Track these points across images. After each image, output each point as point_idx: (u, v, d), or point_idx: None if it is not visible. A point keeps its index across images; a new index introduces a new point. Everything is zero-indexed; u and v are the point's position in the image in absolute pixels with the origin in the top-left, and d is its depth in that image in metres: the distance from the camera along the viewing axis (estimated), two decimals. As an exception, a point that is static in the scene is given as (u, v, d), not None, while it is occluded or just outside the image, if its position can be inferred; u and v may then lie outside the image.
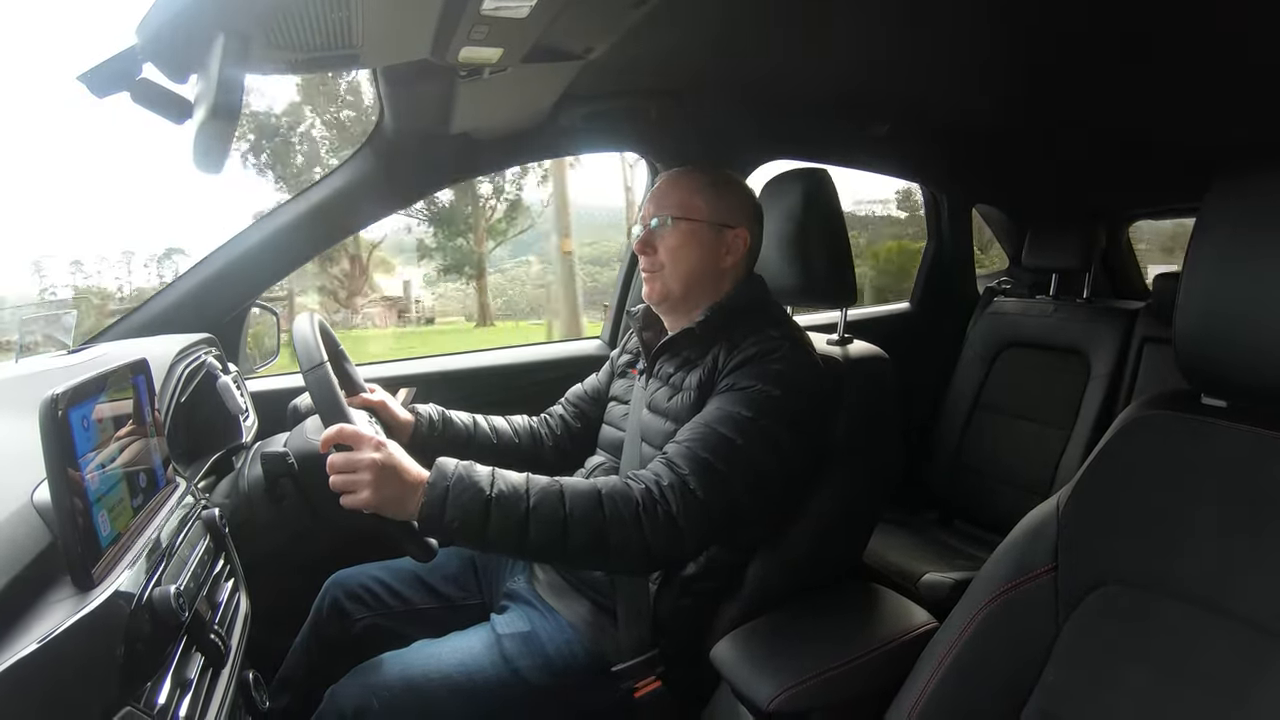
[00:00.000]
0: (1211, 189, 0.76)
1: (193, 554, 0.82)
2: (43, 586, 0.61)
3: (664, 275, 1.24)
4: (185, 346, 1.20)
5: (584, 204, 13.98)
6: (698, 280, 1.24)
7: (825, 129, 1.94)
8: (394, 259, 13.73)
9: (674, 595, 1.20)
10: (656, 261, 1.25)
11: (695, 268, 1.23)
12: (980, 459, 2.38)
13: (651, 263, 1.25)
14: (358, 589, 1.34)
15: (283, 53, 0.93)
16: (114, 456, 0.72)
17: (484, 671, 1.14)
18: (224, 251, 1.49)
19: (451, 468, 0.99)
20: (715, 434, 1.07)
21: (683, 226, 1.23)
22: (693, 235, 1.23)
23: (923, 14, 1.21)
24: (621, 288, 2.03)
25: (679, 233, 1.23)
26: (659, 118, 1.72)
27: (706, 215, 1.23)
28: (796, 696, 1.02)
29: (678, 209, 1.23)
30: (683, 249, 1.23)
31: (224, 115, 0.75)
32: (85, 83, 0.84)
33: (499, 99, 1.36)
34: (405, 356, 1.88)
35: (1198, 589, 0.73)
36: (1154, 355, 2.16)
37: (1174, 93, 1.52)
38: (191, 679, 0.73)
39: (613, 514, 0.99)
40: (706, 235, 1.23)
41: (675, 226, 1.23)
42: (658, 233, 1.24)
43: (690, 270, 1.23)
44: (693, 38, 1.31)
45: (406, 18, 0.94)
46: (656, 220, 1.24)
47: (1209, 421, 0.77)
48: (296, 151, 11.77)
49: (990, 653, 0.85)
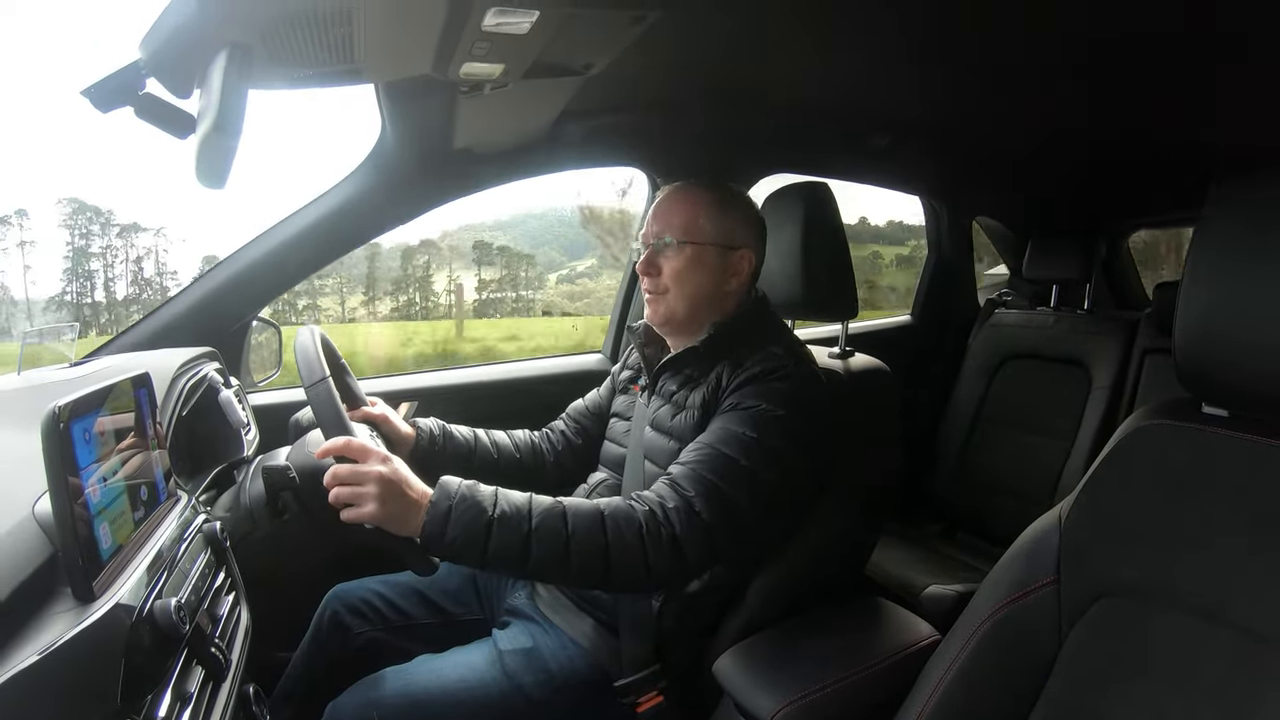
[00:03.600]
0: (1210, 198, 0.76)
1: (194, 567, 0.82)
2: (44, 598, 0.61)
3: (668, 299, 1.23)
4: (187, 360, 1.20)
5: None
6: (702, 303, 1.23)
7: (825, 142, 1.95)
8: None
9: (676, 610, 1.19)
10: (660, 284, 1.23)
11: (700, 291, 1.22)
12: (982, 471, 2.37)
13: (655, 284, 1.24)
14: (358, 603, 1.33)
15: (285, 68, 0.93)
16: (115, 469, 0.72)
17: (486, 687, 1.13)
18: (226, 266, 1.50)
19: (455, 486, 0.99)
20: (720, 455, 1.06)
21: (688, 250, 1.21)
22: (698, 259, 1.21)
23: (922, 28, 1.22)
24: (622, 302, 2.03)
25: (684, 256, 1.21)
26: (659, 133, 1.73)
27: (712, 237, 1.22)
28: (798, 711, 1.01)
29: (683, 232, 1.22)
30: (688, 272, 1.21)
31: (227, 131, 0.76)
32: (89, 97, 0.85)
33: (500, 115, 1.37)
34: (406, 372, 1.88)
35: (1200, 599, 0.72)
36: (1155, 366, 2.16)
37: (1174, 103, 1.53)
38: (192, 692, 0.72)
39: (615, 536, 0.99)
40: (712, 258, 1.22)
41: (680, 249, 1.22)
42: (662, 254, 1.23)
43: (695, 294, 1.22)
44: (692, 53, 1.32)
45: (408, 34, 0.95)
46: (661, 240, 1.23)
47: (1210, 431, 0.77)
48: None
49: (994, 665, 0.84)
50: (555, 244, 13.55)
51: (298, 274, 1.57)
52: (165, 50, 0.81)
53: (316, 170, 4.18)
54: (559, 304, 12.42)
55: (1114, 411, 2.16)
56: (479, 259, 13.19)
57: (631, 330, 1.38)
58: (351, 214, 1.54)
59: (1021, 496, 2.20)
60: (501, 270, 13.01)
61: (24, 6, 17.08)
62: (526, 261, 12.95)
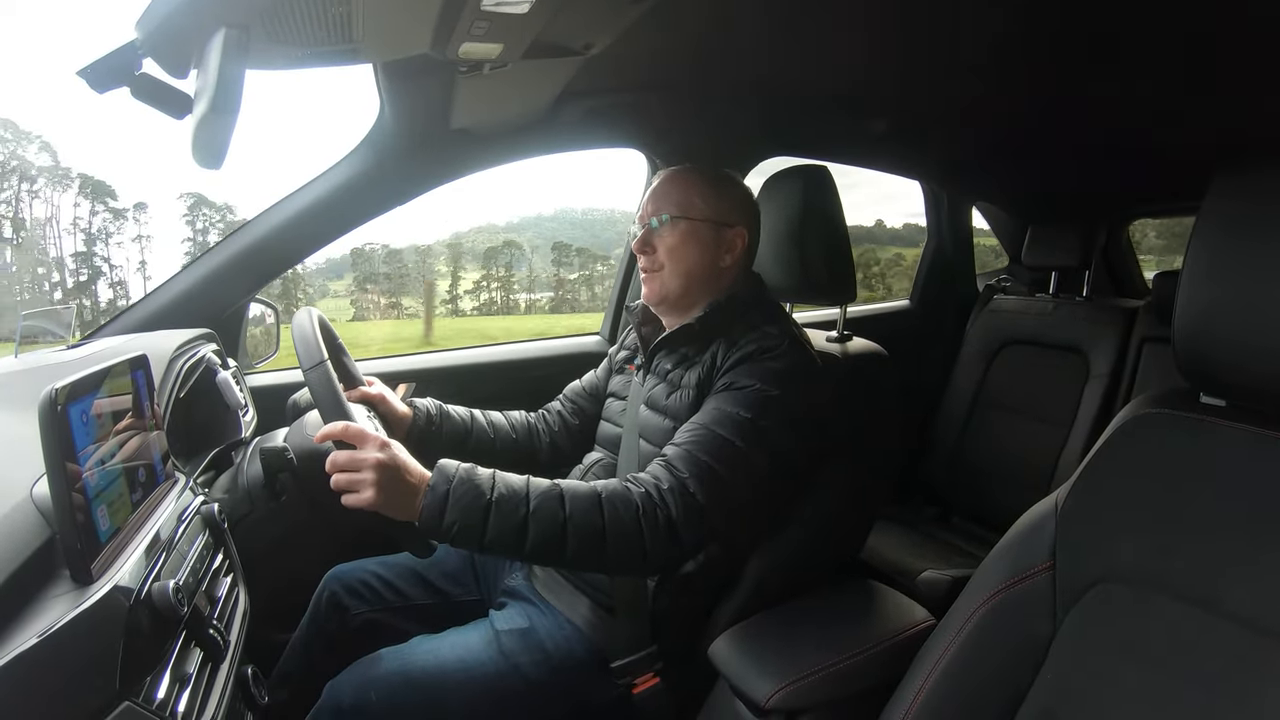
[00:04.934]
0: (1212, 188, 0.76)
1: (192, 549, 0.83)
2: (42, 581, 0.61)
3: (663, 275, 1.24)
4: (184, 341, 1.20)
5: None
6: (697, 279, 1.24)
7: (825, 125, 1.94)
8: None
9: (672, 592, 1.20)
10: (656, 261, 1.24)
11: (694, 267, 1.23)
12: (979, 456, 2.38)
13: (651, 262, 1.25)
14: (356, 584, 1.34)
15: (283, 47, 0.92)
16: (113, 451, 0.72)
17: (483, 667, 1.14)
18: (223, 247, 1.49)
19: (453, 470, 0.99)
20: (714, 436, 1.07)
21: (682, 225, 1.23)
22: (692, 234, 1.23)
23: (922, 9, 1.21)
24: (621, 283, 2.03)
25: (678, 232, 1.23)
26: (658, 114, 1.72)
27: (705, 214, 1.23)
28: (794, 693, 1.02)
29: (676, 208, 1.23)
30: (682, 248, 1.23)
31: (224, 111, 0.75)
32: (85, 78, 0.83)
33: (499, 95, 1.36)
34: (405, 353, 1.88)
35: (1195, 587, 0.73)
36: (1154, 354, 2.16)
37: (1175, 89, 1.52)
38: (190, 673, 0.73)
39: (612, 518, 0.99)
40: (706, 234, 1.23)
41: (674, 225, 1.23)
42: (656, 232, 1.24)
43: (689, 269, 1.23)
44: (692, 34, 1.31)
45: (407, 12, 0.93)
46: (655, 219, 1.24)
47: (1208, 420, 0.77)
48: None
49: (988, 650, 0.85)
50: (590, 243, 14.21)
51: (296, 255, 1.56)
52: (161, 30, 0.80)
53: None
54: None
55: (1111, 399, 2.16)
56: (558, 259, 13.59)
57: (629, 310, 1.39)
58: (349, 195, 1.53)
59: (1018, 482, 2.21)
60: (579, 270, 13.45)
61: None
62: (601, 260, 13.29)
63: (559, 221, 17.26)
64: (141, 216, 10.89)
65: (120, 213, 10.82)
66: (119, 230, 10.85)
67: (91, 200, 10.55)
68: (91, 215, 10.54)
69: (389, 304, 15.35)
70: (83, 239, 10.65)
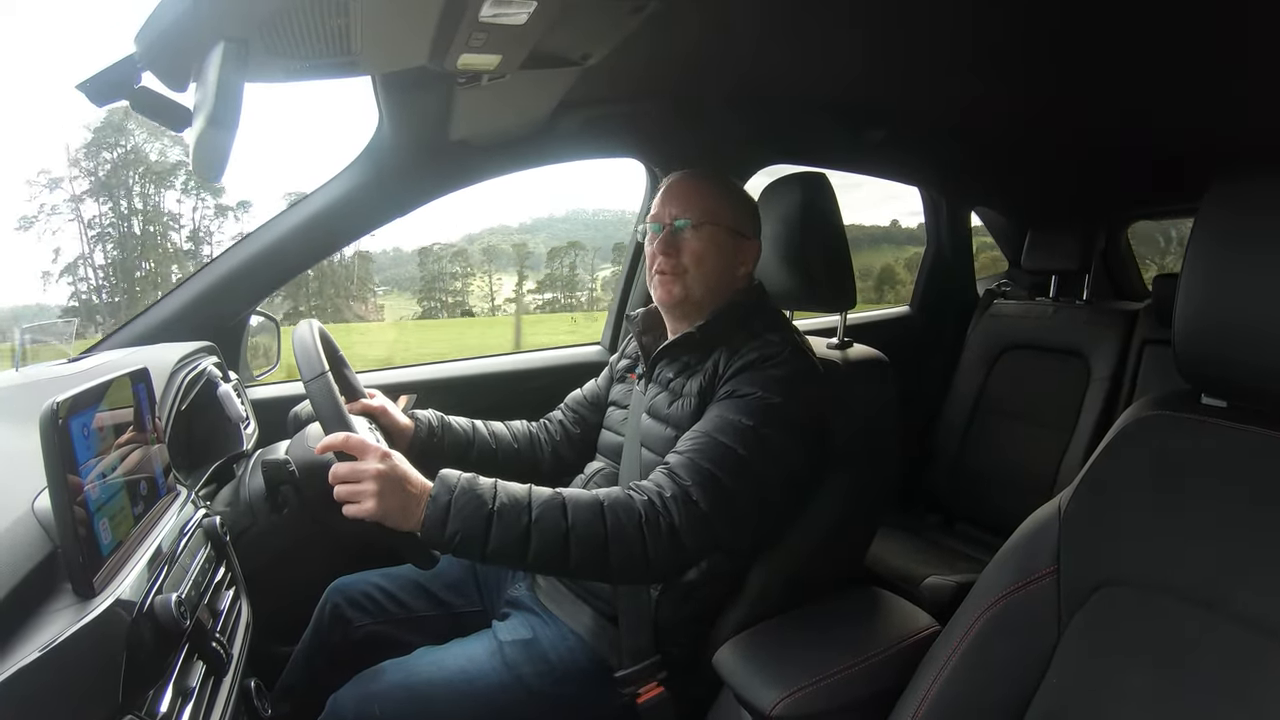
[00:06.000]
0: (1210, 190, 0.76)
1: (194, 562, 0.82)
2: (44, 595, 0.61)
3: (686, 279, 1.22)
4: (185, 354, 1.20)
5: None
6: (715, 286, 1.24)
7: (823, 133, 1.94)
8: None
9: (676, 601, 1.19)
10: (679, 265, 1.22)
11: (716, 274, 1.23)
12: (981, 462, 2.38)
13: (674, 265, 1.23)
14: (359, 596, 1.34)
15: (281, 60, 0.93)
16: (115, 465, 0.72)
17: (486, 678, 1.13)
18: (223, 260, 1.49)
19: (455, 479, 0.99)
20: (717, 444, 1.06)
21: (707, 231, 1.22)
22: (715, 241, 1.22)
23: (918, 17, 1.21)
24: (622, 292, 2.02)
25: (703, 237, 1.22)
26: (657, 123, 1.72)
27: (729, 222, 1.23)
28: (799, 702, 1.01)
29: (702, 214, 1.22)
30: (708, 254, 1.22)
31: (223, 124, 0.75)
32: (84, 91, 0.84)
33: (497, 106, 1.37)
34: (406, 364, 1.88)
35: (1199, 589, 0.72)
36: (1155, 357, 2.16)
37: (1173, 93, 1.52)
38: (193, 687, 0.72)
39: (615, 526, 0.99)
40: (728, 243, 1.23)
41: (700, 231, 1.22)
42: (682, 234, 1.23)
43: (712, 275, 1.23)
44: (689, 43, 1.31)
45: (405, 25, 0.94)
46: (682, 221, 1.23)
47: (1209, 422, 0.77)
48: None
49: (993, 655, 0.85)
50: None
51: (296, 267, 1.56)
52: (160, 44, 0.81)
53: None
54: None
55: (1113, 402, 2.16)
56: (616, 259, 13.89)
57: (630, 319, 1.38)
58: (349, 207, 1.53)
59: (1020, 487, 2.20)
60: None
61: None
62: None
63: (571, 222, 17.40)
64: (243, 215, 10.83)
65: (223, 209, 10.74)
66: (219, 229, 10.78)
67: (196, 197, 10.50)
68: (194, 213, 10.49)
69: (455, 303, 15.63)
70: (187, 236, 10.58)
